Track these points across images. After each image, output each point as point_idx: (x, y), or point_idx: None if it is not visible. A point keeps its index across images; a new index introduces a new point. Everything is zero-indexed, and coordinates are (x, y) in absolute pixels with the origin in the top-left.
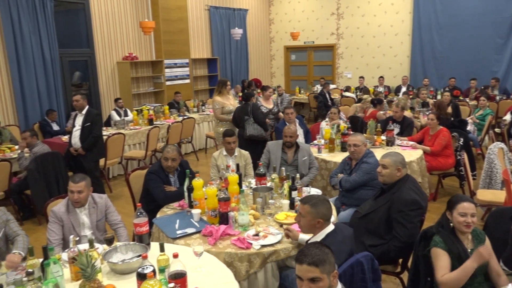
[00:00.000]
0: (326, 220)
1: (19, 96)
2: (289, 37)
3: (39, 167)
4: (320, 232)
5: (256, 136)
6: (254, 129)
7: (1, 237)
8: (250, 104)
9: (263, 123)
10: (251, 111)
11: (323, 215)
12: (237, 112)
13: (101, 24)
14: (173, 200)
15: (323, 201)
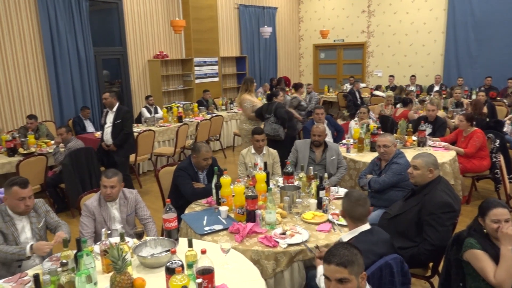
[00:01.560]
0: (356, 219)
1: (55, 93)
2: (318, 35)
3: (73, 162)
4: (355, 228)
5: (272, 136)
6: (271, 129)
7: (42, 226)
8: (275, 103)
9: (284, 121)
10: (273, 110)
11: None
12: (264, 109)
13: (133, 23)
14: (201, 197)
15: (358, 201)
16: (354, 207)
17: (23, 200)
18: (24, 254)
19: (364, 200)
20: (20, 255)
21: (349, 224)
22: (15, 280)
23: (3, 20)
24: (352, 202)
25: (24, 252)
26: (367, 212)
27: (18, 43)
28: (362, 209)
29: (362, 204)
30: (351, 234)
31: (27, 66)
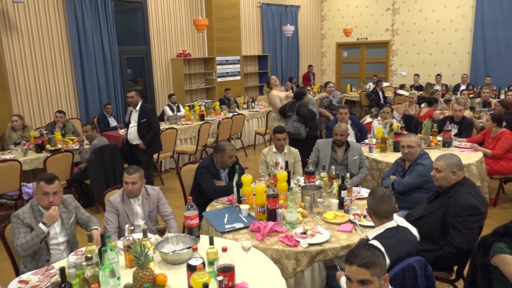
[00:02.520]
0: (382, 215)
1: (81, 91)
2: (341, 34)
3: (98, 158)
4: (380, 225)
5: (293, 134)
6: (292, 127)
7: (72, 221)
8: (299, 102)
9: (306, 120)
10: (296, 108)
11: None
12: (287, 107)
13: (157, 22)
14: (223, 195)
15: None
16: (379, 204)
17: (47, 195)
18: (41, 232)
19: (388, 197)
20: (39, 234)
21: (375, 222)
22: (42, 273)
23: (32, 20)
24: (377, 199)
25: (40, 230)
26: (392, 208)
27: (46, 42)
28: (387, 206)
29: (386, 201)
30: (377, 231)
31: (55, 65)
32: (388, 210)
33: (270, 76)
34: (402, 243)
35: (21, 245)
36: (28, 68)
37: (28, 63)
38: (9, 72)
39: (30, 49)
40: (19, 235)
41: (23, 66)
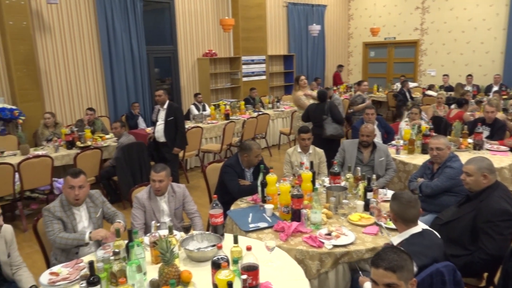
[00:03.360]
0: (409, 220)
1: (110, 89)
2: (368, 33)
3: (126, 156)
4: (405, 231)
5: (336, 135)
6: (334, 129)
7: (99, 216)
8: (328, 102)
9: (341, 120)
10: (328, 110)
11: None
12: (311, 110)
13: (184, 22)
14: (247, 194)
15: (410, 203)
16: (406, 209)
17: (73, 189)
18: (83, 240)
19: (415, 201)
20: (80, 241)
21: (400, 227)
22: (72, 266)
23: (65, 21)
24: (404, 204)
25: (83, 237)
26: (418, 213)
27: (78, 42)
28: (414, 211)
29: (413, 205)
30: (402, 236)
31: (85, 64)
32: (416, 214)
33: (299, 76)
34: (428, 249)
35: (60, 238)
36: (60, 67)
37: (60, 63)
38: (42, 71)
39: (62, 49)
40: (53, 226)
41: (56, 65)
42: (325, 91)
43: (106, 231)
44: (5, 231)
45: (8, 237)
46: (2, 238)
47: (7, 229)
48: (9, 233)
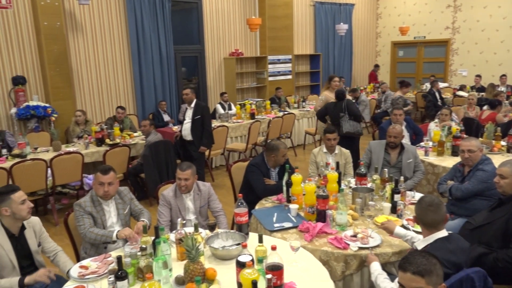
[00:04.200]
0: (429, 225)
1: (138, 88)
2: (397, 32)
3: (153, 154)
4: (429, 235)
5: (353, 132)
6: (350, 126)
7: (127, 212)
8: (344, 101)
9: (358, 117)
10: (345, 108)
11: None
12: (330, 109)
13: (211, 21)
14: (272, 194)
15: (429, 207)
16: (425, 213)
17: (103, 185)
18: (111, 237)
19: (436, 206)
20: (108, 237)
21: (423, 231)
22: (100, 260)
23: (96, 21)
24: (424, 208)
25: (111, 235)
26: (441, 218)
27: (108, 42)
28: (434, 215)
29: (434, 210)
30: (426, 241)
31: (115, 63)
32: (436, 219)
33: (333, 76)
34: (452, 254)
35: (90, 232)
36: (91, 67)
37: (91, 62)
38: (74, 70)
39: (93, 49)
40: (83, 221)
41: (87, 64)
42: (343, 90)
43: (130, 231)
44: (32, 222)
45: (37, 227)
46: (31, 228)
47: (35, 220)
48: (36, 223)
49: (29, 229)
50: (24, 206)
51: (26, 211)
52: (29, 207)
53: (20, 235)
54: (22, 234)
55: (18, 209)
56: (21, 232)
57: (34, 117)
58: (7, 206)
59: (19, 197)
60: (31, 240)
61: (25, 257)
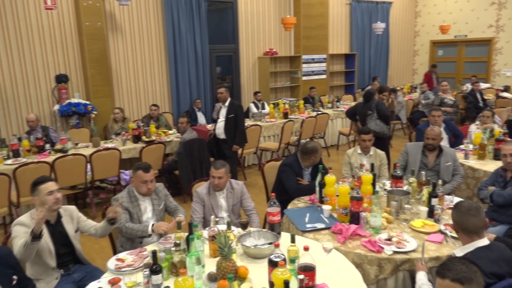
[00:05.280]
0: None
1: (174, 86)
2: (437, 31)
3: (187, 151)
4: (470, 243)
5: (378, 132)
6: (376, 125)
7: (162, 208)
8: (375, 100)
9: (386, 118)
10: (375, 107)
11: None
12: (359, 108)
13: (246, 21)
14: (305, 194)
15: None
16: (465, 218)
17: (146, 183)
18: (146, 231)
19: (476, 210)
20: (143, 232)
21: (463, 238)
22: (136, 254)
23: (135, 21)
24: (463, 213)
25: (146, 229)
26: (482, 223)
27: (145, 41)
28: (475, 220)
29: (474, 214)
30: (466, 249)
31: (152, 62)
32: (477, 224)
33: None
34: (494, 264)
35: (126, 227)
36: (129, 66)
37: (129, 61)
38: (113, 69)
39: (132, 48)
40: (120, 216)
41: (125, 63)
42: (372, 91)
43: (167, 225)
44: (69, 210)
45: (73, 214)
46: (67, 216)
47: (71, 208)
48: (73, 211)
49: (66, 217)
50: (50, 197)
51: (52, 201)
52: (56, 198)
53: (57, 222)
54: (59, 222)
55: (44, 199)
56: (58, 220)
57: (75, 114)
58: (36, 196)
59: (46, 188)
60: (68, 226)
61: (63, 244)
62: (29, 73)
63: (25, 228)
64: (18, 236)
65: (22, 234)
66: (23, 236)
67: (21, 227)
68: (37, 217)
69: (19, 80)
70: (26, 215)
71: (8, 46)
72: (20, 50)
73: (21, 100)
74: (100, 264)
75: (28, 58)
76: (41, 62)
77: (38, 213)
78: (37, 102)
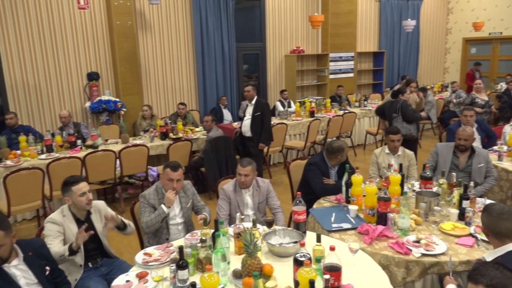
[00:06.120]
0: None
1: (201, 84)
2: (470, 28)
3: (213, 149)
4: (500, 247)
5: (404, 134)
6: (402, 128)
7: (189, 206)
8: (400, 101)
9: (411, 120)
10: (399, 109)
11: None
12: (386, 107)
13: (273, 19)
14: (331, 193)
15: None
16: (497, 222)
17: (171, 181)
18: (163, 211)
19: (508, 214)
20: (161, 214)
21: (493, 242)
22: (163, 249)
23: (164, 20)
24: (494, 217)
25: (162, 210)
26: None
27: (174, 39)
28: (508, 224)
29: (506, 217)
30: (496, 253)
31: (180, 61)
32: (510, 228)
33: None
34: None
35: (146, 222)
36: (158, 64)
37: (158, 59)
38: (142, 67)
39: (160, 47)
40: (144, 214)
41: (154, 61)
42: (401, 90)
43: (174, 195)
44: (98, 206)
45: (102, 211)
46: (96, 213)
47: (100, 204)
48: (102, 207)
49: (95, 213)
50: (83, 198)
51: (85, 203)
52: (88, 199)
53: (87, 219)
54: (89, 219)
55: (77, 200)
56: (87, 217)
57: (106, 111)
58: (68, 196)
59: (78, 189)
60: (97, 223)
61: (92, 240)
62: (62, 71)
63: (57, 227)
64: (51, 235)
65: (55, 233)
66: (55, 235)
67: (53, 225)
68: (79, 237)
69: (53, 78)
70: (57, 213)
71: (43, 45)
72: (54, 48)
73: (54, 97)
74: (127, 258)
75: (62, 56)
76: (74, 60)
77: (81, 236)
78: (69, 99)
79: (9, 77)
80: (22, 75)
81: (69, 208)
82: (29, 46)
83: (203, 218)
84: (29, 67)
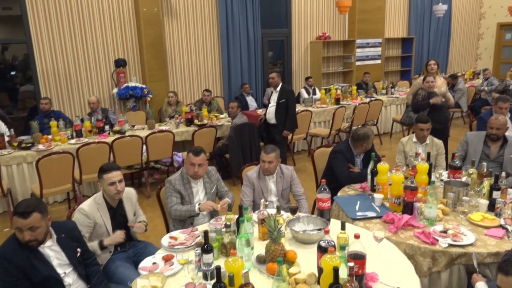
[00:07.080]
0: None
1: (226, 71)
2: (505, 12)
3: (238, 135)
4: None
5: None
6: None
7: (213, 192)
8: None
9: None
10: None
11: None
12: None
13: (299, 4)
14: (356, 181)
15: None
16: None
17: (193, 166)
18: (194, 211)
19: None
20: (191, 211)
21: None
22: (188, 233)
23: (189, 6)
24: None
25: (193, 209)
26: None
27: (199, 26)
28: None
29: None
30: None
31: (205, 47)
32: None
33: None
34: None
35: (175, 210)
36: (183, 50)
37: (183, 46)
38: (168, 53)
39: (186, 33)
40: (171, 199)
41: (180, 48)
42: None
43: (214, 204)
44: (130, 193)
45: (133, 198)
46: (128, 200)
47: (132, 192)
48: (133, 195)
49: (127, 200)
50: (111, 188)
51: (113, 192)
52: (117, 190)
53: (118, 206)
54: (121, 206)
55: (107, 188)
56: (119, 204)
57: (132, 97)
58: (100, 183)
59: (109, 178)
60: (128, 210)
61: (121, 226)
62: (90, 58)
63: (87, 219)
64: (80, 225)
65: (85, 226)
66: (84, 227)
67: (83, 216)
68: (115, 238)
69: (82, 65)
70: (90, 201)
71: (72, 33)
72: (83, 36)
73: (83, 83)
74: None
75: (90, 44)
76: (102, 47)
77: (119, 236)
78: (97, 86)
79: (40, 65)
80: (52, 63)
81: (103, 195)
82: (59, 35)
83: (226, 203)
84: (59, 55)
